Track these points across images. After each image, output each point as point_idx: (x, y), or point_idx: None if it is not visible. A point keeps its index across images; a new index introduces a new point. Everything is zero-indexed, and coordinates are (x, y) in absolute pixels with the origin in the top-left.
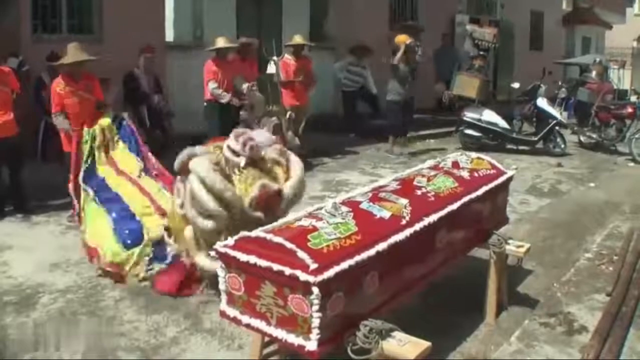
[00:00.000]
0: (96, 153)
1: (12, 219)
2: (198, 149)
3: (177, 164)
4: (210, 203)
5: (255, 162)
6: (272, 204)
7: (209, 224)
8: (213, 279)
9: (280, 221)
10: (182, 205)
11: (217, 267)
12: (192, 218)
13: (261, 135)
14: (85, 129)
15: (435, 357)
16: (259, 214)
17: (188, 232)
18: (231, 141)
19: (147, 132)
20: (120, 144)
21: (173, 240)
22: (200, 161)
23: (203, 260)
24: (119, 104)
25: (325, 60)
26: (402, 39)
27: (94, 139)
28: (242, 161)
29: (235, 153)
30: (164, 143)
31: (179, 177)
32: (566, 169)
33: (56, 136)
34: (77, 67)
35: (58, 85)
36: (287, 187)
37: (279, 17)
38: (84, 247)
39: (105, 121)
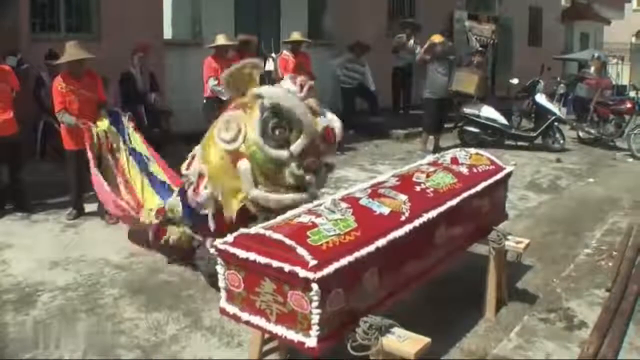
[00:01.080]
0: (103, 158)
1: (12, 217)
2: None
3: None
4: (308, 118)
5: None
6: (334, 141)
7: (283, 153)
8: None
9: (279, 218)
10: (233, 139)
11: (279, 198)
12: (262, 146)
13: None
14: (93, 129)
15: (435, 353)
16: (324, 145)
17: (243, 164)
18: (288, 82)
19: (145, 130)
20: (121, 145)
21: (207, 184)
22: (280, 87)
23: (261, 193)
24: (118, 104)
25: (324, 57)
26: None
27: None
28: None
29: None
30: (162, 141)
31: (228, 115)
32: (565, 165)
33: (55, 135)
34: (77, 66)
35: (59, 84)
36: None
37: (277, 14)
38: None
39: (103, 124)
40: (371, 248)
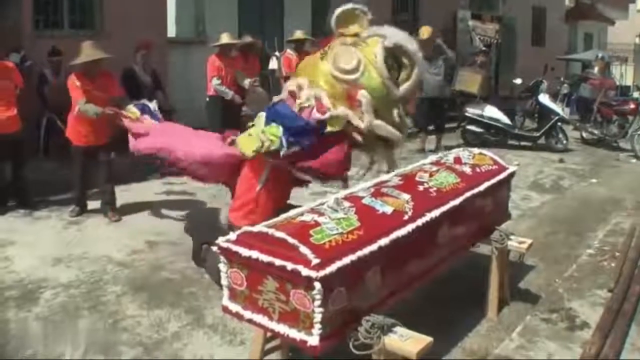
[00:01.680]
0: None
1: (15, 214)
2: None
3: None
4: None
5: None
6: None
7: (399, 91)
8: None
9: (282, 216)
10: (354, 69)
11: (389, 130)
12: (386, 83)
13: None
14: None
15: (437, 353)
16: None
17: (365, 95)
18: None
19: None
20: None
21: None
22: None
23: (379, 122)
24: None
25: None
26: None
27: None
28: None
29: None
30: None
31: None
32: (568, 165)
33: (58, 132)
34: (92, 66)
35: (75, 81)
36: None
37: (281, 12)
38: None
39: (134, 114)
40: (374, 247)
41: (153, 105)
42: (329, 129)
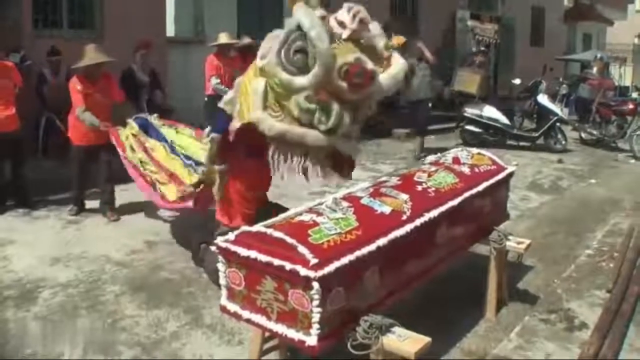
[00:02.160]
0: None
1: (13, 213)
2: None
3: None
4: (325, 44)
5: (358, 42)
6: (362, 82)
7: (301, 79)
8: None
9: (281, 216)
10: (263, 56)
11: (278, 127)
12: (273, 67)
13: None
14: (120, 131)
15: (435, 353)
16: (344, 84)
17: (258, 83)
18: (341, 12)
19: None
20: (154, 142)
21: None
22: (308, 11)
23: (265, 116)
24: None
25: None
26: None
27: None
28: (346, 33)
29: (342, 25)
30: None
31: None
32: (567, 166)
33: (57, 132)
34: (95, 69)
35: (76, 85)
36: (384, 74)
37: (280, 12)
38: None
39: (132, 129)
40: (372, 247)
41: (153, 119)
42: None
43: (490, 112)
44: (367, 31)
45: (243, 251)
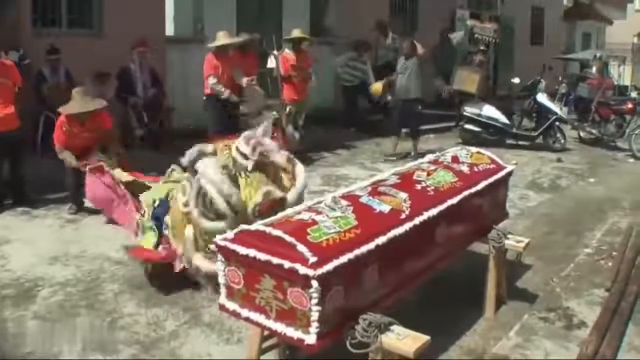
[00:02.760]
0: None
1: (12, 212)
2: (208, 147)
3: (186, 161)
4: (223, 204)
5: (263, 165)
6: (274, 210)
7: (219, 224)
8: (207, 281)
9: (280, 215)
10: (186, 204)
11: (213, 268)
12: (196, 218)
13: (269, 141)
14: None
15: (434, 351)
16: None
17: (188, 231)
18: (241, 144)
19: (142, 125)
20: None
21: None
22: (209, 163)
23: (200, 260)
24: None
25: (326, 54)
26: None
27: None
28: (249, 165)
29: (244, 156)
30: (161, 138)
31: (186, 175)
32: (566, 165)
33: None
34: (82, 114)
35: (63, 125)
36: (291, 194)
37: (279, 11)
38: None
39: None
40: (371, 246)
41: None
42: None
43: (490, 111)
44: (268, 157)
45: (242, 249)
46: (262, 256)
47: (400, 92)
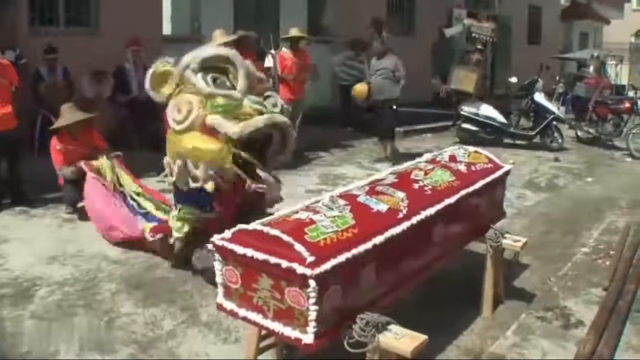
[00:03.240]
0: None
1: (10, 211)
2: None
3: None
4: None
5: None
6: None
7: (234, 91)
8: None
9: (277, 214)
10: (185, 118)
11: (251, 125)
12: (215, 93)
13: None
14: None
15: (432, 351)
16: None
17: (213, 117)
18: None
19: (139, 124)
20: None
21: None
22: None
23: (234, 127)
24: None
25: (323, 53)
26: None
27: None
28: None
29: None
30: (159, 137)
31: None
32: (563, 164)
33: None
34: (73, 127)
35: (57, 145)
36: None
37: (277, 10)
38: None
39: (103, 164)
40: (369, 245)
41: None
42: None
43: (487, 110)
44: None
45: (239, 249)
46: (260, 256)
47: (375, 93)
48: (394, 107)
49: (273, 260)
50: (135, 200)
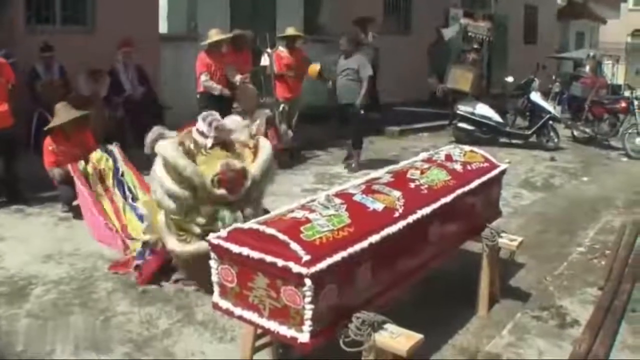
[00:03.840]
0: (92, 185)
1: (6, 210)
2: (167, 131)
3: (147, 146)
4: (168, 182)
5: (224, 144)
6: (236, 183)
7: (171, 204)
8: (183, 265)
9: (274, 213)
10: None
11: (187, 250)
12: (160, 200)
13: (232, 120)
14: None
15: (428, 350)
16: (222, 191)
17: (161, 216)
18: (199, 123)
19: (134, 123)
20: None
21: (150, 231)
22: (165, 143)
23: (173, 244)
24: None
25: (319, 52)
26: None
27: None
28: (208, 142)
29: (203, 134)
30: None
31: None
32: (559, 163)
33: None
34: (67, 126)
35: (50, 145)
36: (254, 167)
37: (273, 9)
38: None
39: (96, 156)
40: (364, 244)
41: (116, 150)
42: None
43: (483, 109)
44: (226, 131)
45: (235, 248)
46: (256, 254)
47: (338, 96)
48: (362, 111)
49: (269, 259)
50: (132, 193)
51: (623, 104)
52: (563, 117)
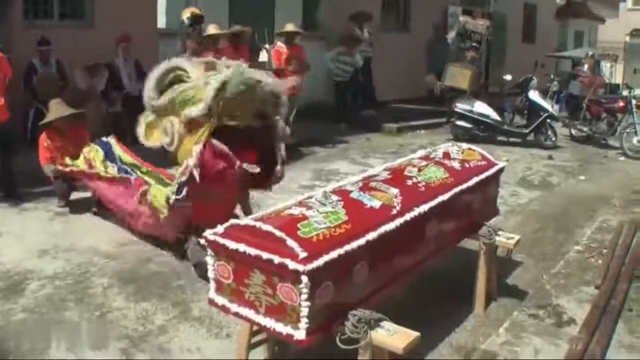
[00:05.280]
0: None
1: (1, 204)
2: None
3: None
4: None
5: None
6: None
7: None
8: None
9: (270, 209)
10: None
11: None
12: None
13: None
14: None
15: (424, 348)
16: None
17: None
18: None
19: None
20: (109, 166)
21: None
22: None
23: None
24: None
25: (318, 49)
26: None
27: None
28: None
29: None
30: None
31: None
32: (557, 162)
33: None
34: (62, 123)
35: (45, 141)
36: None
37: (272, 5)
38: None
39: (86, 149)
40: (361, 241)
41: (111, 141)
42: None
43: (481, 107)
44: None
45: (232, 244)
46: (252, 251)
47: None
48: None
49: (265, 255)
50: (135, 173)
51: (621, 104)
52: (561, 115)
